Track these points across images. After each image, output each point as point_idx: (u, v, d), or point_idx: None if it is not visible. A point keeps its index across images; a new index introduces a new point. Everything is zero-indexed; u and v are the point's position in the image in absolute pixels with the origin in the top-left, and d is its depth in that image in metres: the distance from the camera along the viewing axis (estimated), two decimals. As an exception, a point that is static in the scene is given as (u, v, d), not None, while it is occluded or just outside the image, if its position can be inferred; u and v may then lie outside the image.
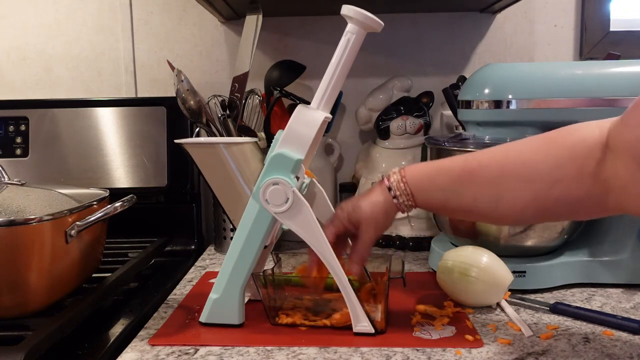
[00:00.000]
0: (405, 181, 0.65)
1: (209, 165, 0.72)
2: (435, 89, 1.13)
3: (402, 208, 0.66)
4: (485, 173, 0.61)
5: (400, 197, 0.65)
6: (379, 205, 0.67)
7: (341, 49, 0.65)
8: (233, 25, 1.21)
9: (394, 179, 0.66)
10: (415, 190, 0.65)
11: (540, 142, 0.60)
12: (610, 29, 1.19)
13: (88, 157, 1.09)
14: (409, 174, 0.65)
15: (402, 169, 0.66)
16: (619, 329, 0.68)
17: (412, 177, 0.65)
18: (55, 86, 1.23)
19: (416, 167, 0.66)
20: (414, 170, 0.66)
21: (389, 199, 0.66)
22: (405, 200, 0.65)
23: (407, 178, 0.65)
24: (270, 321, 0.71)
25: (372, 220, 0.67)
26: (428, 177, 0.65)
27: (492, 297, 0.75)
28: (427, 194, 0.65)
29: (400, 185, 0.65)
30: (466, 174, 0.62)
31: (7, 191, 0.73)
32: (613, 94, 0.80)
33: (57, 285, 0.70)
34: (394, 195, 0.66)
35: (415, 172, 0.66)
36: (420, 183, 0.65)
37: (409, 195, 0.65)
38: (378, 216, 0.67)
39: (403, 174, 0.66)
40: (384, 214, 0.67)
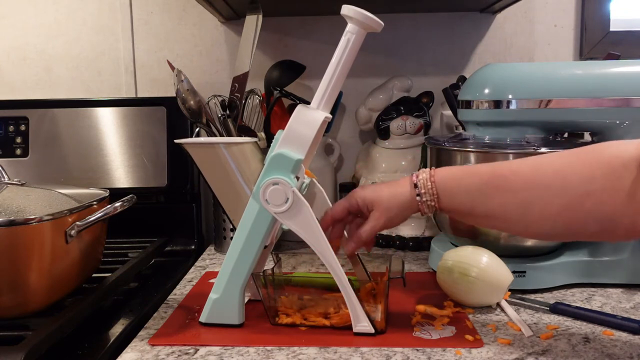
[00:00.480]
0: (433, 180, 0.64)
1: (209, 165, 0.72)
2: (435, 89, 1.13)
3: (423, 208, 0.66)
4: (517, 180, 0.60)
5: (425, 196, 0.65)
6: (400, 198, 0.66)
7: (341, 49, 0.65)
8: (233, 25, 1.21)
9: (423, 177, 0.65)
10: (442, 192, 0.64)
11: (575, 155, 0.59)
12: (610, 29, 1.19)
13: (88, 157, 1.09)
14: (438, 174, 0.65)
15: (432, 169, 0.66)
16: (619, 329, 0.68)
17: (441, 177, 0.65)
18: (55, 86, 1.23)
19: (446, 169, 0.66)
20: (444, 171, 0.65)
21: (413, 195, 0.65)
22: (428, 200, 0.65)
23: (435, 178, 0.65)
24: (270, 321, 0.71)
25: (387, 209, 0.66)
26: (456, 179, 0.64)
27: (492, 297, 0.75)
28: (453, 196, 0.64)
29: (427, 184, 0.64)
30: (496, 178, 0.61)
31: (7, 191, 0.73)
32: (613, 94, 0.80)
33: (57, 285, 0.70)
34: (418, 192, 0.65)
35: (444, 173, 0.65)
36: (448, 184, 0.64)
37: (434, 195, 0.64)
38: (393, 207, 0.66)
39: (432, 173, 0.65)
40: (401, 208, 0.66)
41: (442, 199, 0.64)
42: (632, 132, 0.82)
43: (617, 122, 0.82)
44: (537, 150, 0.80)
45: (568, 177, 0.58)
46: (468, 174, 0.64)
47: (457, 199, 0.64)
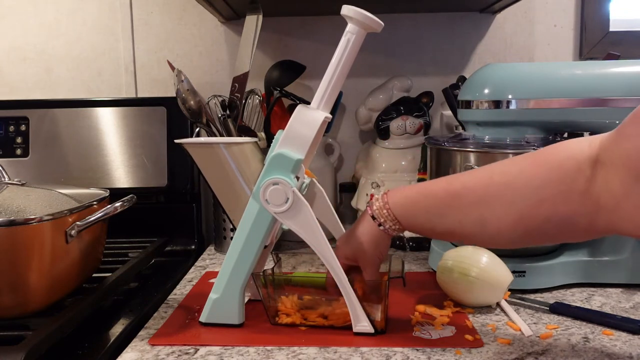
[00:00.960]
0: (388, 207, 0.65)
1: (209, 165, 0.72)
2: (435, 89, 1.13)
3: (390, 232, 0.66)
4: (470, 195, 0.60)
5: (386, 224, 0.65)
6: (369, 236, 0.67)
7: (341, 49, 0.65)
8: (233, 25, 1.21)
9: (377, 206, 0.66)
10: (400, 216, 0.64)
11: (527, 162, 0.59)
12: (610, 29, 1.20)
13: (88, 157, 1.09)
14: (391, 200, 0.65)
15: (385, 194, 0.66)
16: (619, 328, 0.68)
17: (395, 202, 0.65)
18: (56, 86, 1.23)
19: (399, 191, 0.66)
20: (397, 194, 0.65)
21: (375, 227, 0.66)
22: (391, 225, 0.65)
23: (390, 204, 0.65)
24: (270, 321, 0.71)
25: (366, 252, 0.68)
26: (412, 202, 0.64)
27: (492, 297, 0.75)
28: (412, 218, 0.64)
29: (383, 212, 0.65)
30: (450, 197, 0.61)
31: (7, 191, 0.73)
32: (613, 94, 0.80)
33: (57, 285, 0.70)
34: (379, 223, 0.66)
35: (398, 197, 0.65)
36: (404, 208, 0.64)
37: (394, 220, 0.65)
38: (371, 248, 0.67)
39: (386, 199, 0.65)
40: (374, 244, 0.67)
41: (402, 222, 0.65)
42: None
43: (616, 122, 0.80)
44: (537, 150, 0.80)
45: (519, 188, 0.57)
46: (423, 195, 0.64)
47: (416, 220, 0.64)
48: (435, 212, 0.62)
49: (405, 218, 0.65)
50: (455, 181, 0.62)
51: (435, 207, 0.62)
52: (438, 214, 0.62)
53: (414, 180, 1.09)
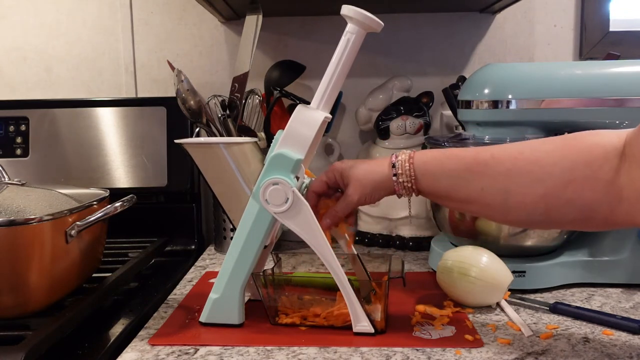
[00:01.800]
0: (411, 162, 0.64)
1: (209, 165, 0.72)
2: (435, 89, 1.13)
3: (399, 189, 0.65)
4: (498, 165, 0.60)
5: (401, 177, 0.64)
6: (375, 176, 0.66)
7: (341, 49, 0.65)
8: (233, 25, 1.21)
9: (401, 158, 0.65)
10: (421, 174, 0.63)
11: (557, 144, 0.59)
12: (610, 29, 1.19)
13: (88, 157, 1.09)
14: (417, 157, 0.64)
15: (413, 151, 0.65)
16: (619, 328, 0.68)
17: (420, 160, 0.64)
18: (56, 86, 1.23)
19: (427, 152, 0.65)
20: (424, 154, 0.65)
21: (389, 175, 0.65)
22: (405, 181, 0.64)
23: (414, 159, 0.64)
24: (270, 321, 0.71)
25: (361, 185, 0.66)
26: (437, 161, 0.64)
27: (492, 297, 0.75)
28: (433, 178, 0.63)
29: (405, 165, 0.64)
30: (477, 164, 0.61)
31: (7, 191, 0.73)
32: (613, 94, 0.80)
33: (57, 285, 0.70)
34: (395, 172, 0.64)
35: (425, 156, 0.65)
36: (428, 166, 0.64)
37: (411, 177, 0.64)
38: (368, 184, 0.66)
39: (412, 154, 0.65)
40: (375, 186, 0.66)
41: (420, 181, 0.64)
42: (632, 132, 0.82)
43: (616, 122, 0.82)
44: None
45: (549, 165, 0.58)
46: (450, 158, 0.63)
47: (437, 181, 0.63)
48: (458, 176, 0.62)
49: (425, 177, 0.63)
50: (484, 151, 0.62)
51: (461, 171, 0.62)
52: (462, 178, 0.61)
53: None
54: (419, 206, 1.06)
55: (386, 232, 1.09)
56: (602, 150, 0.56)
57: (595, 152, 0.56)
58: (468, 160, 0.62)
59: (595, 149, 0.56)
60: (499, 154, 0.61)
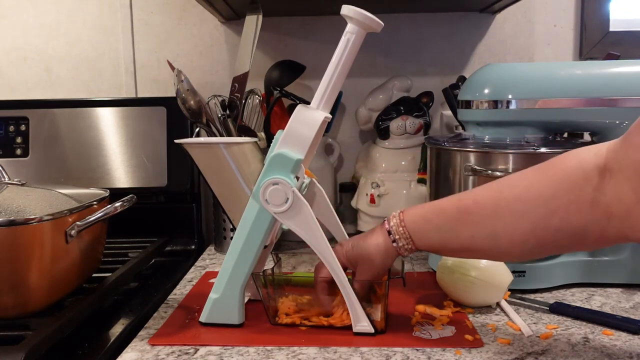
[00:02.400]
0: (404, 225, 0.65)
1: (209, 165, 0.72)
2: (435, 89, 1.13)
3: (402, 252, 0.66)
4: (480, 210, 0.60)
5: (400, 241, 0.65)
6: (379, 247, 0.66)
7: (341, 49, 0.65)
8: (233, 25, 1.21)
9: (394, 223, 0.66)
10: (414, 233, 0.64)
11: (534, 176, 0.59)
12: (610, 29, 1.19)
13: (88, 157, 1.09)
14: (407, 217, 0.65)
15: (402, 212, 0.66)
16: (619, 328, 0.68)
17: (410, 220, 0.65)
18: (56, 86, 1.23)
19: (414, 210, 0.66)
20: (412, 213, 0.66)
21: (389, 242, 0.66)
22: (405, 244, 0.65)
23: (405, 222, 0.65)
24: (270, 321, 0.71)
25: (370, 261, 0.67)
26: (424, 219, 0.65)
27: (492, 297, 0.75)
28: (425, 235, 0.64)
29: (399, 230, 0.65)
30: (461, 212, 0.62)
31: (7, 191, 0.73)
32: (613, 94, 0.80)
33: (57, 285, 0.70)
34: (393, 239, 0.65)
35: (413, 215, 0.65)
36: (418, 225, 0.65)
37: (408, 239, 0.65)
38: (377, 258, 0.67)
39: (402, 217, 0.65)
40: (383, 257, 0.67)
41: (415, 240, 0.65)
42: (632, 132, 0.82)
43: (616, 122, 0.82)
44: (537, 150, 0.80)
45: (531, 200, 0.58)
46: (435, 213, 0.64)
47: (429, 238, 0.64)
48: (447, 229, 0.63)
49: (418, 236, 0.65)
50: (465, 197, 0.63)
51: (447, 224, 0.62)
52: (450, 230, 0.62)
53: (414, 180, 1.09)
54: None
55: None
56: (582, 173, 0.55)
57: (575, 176, 0.56)
58: (452, 211, 0.63)
59: (574, 172, 0.56)
60: (480, 197, 0.61)
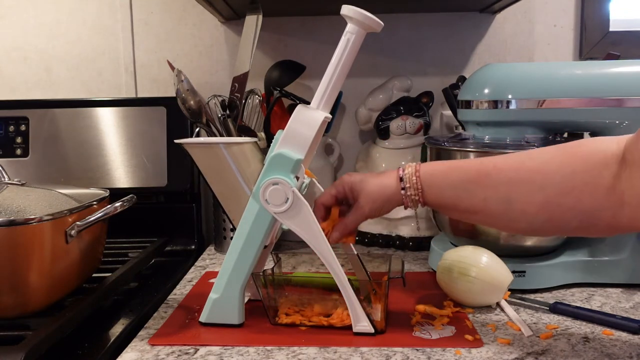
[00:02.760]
0: (418, 175, 0.65)
1: (209, 165, 0.72)
2: (435, 89, 1.13)
3: (407, 202, 0.67)
4: (500, 175, 0.61)
5: (409, 190, 0.65)
6: (385, 190, 0.67)
7: (341, 49, 0.65)
8: (233, 25, 1.21)
9: (408, 171, 0.66)
10: (427, 186, 0.65)
11: (557, 152, 0.61)
12: (610, 29, 1.19)
13: (88, 157, 1.09)
14: (423, 169, 0.66)
15: (419, 164, 0.67)
16: (619, 328, 0.68)
17: (425, 172, 0.66)
18: (56, 86, 1.23)
19: (432, 164, 0.67)
20: (429, 166, 0.66)
21: (398, 188, 0.66)
22: (412, 194, 0.66)
23: (420, 172, 0.66)
24: (270, 321, 0.71)
25: (371, 199, 0.68)
26: (442, 173, 0.65)
27: (492, 297, 0.75)
28: (438, 190, 0.65)
29: (412, 179, 0.65)
30: (480, 174, 0.63)
31: (7, 191, 0.73)
32: (613, 94, 0.80)
33: (57, 285, 0.70)
34: (403, 186, 0.66)
35: (430, 168, 0.66)
36: (433, 179, 0.65)
37: (419, 190, 0.65)
38: (378, 199, 0.67)
39: (418, 167, 0.66)
40: (385, 200, 0.67)
41: (426, 193, 0.65)
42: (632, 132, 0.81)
43: (616, 122, 0.82)
44: (537, 150, 0.80)
45: (549, 174, 0.59)
46: (454, 169, 0.65)
47: (442, 193, 0.65)
48: (462, 187, 0.63)
49: (431, 189, 0.65)
50: (487, 161, 0.64)
51: (464, 182, 0.63)
52: (465, 189, 0.63)
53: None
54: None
55: (386, 232, 1.09)
56: (602, 157, 0.57)
57: (595, 159, 0.57)
58: (471, 171, 0.64)
59: (595, 155, 0.57)
60: (501, 164, 0.62)
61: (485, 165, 0.63)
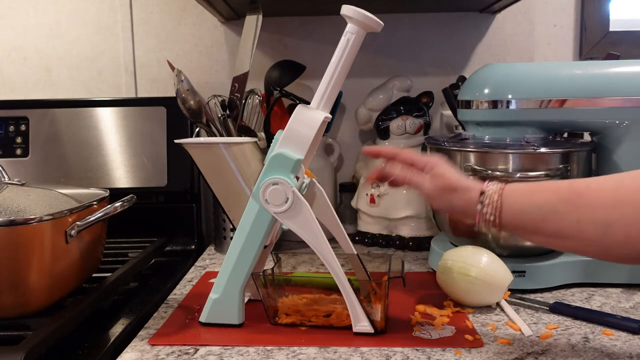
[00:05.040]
0: (501, 192, 0.60)
1: (209, 165, 0.72)
2: (435, 89, 1.13)
3: (479, 219, 0.61)
4: (595, 195, 0.55)
5: (487, 207, 0.60)
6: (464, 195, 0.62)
7: (341, 49, 0.65)
8: (233, 25, 1.21)
9: (492, 188, 0.61)
10: (508, 206, 0.59)
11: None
12: (609, 29, 1.19)
13: (88, 157, 1.09)
14: (508, 187, 0.60)
15: (504, 183, 0.61)
16: (619, 328, 0.68)
17: (511, 188, 0.60)
18: (55, 86, 1.23)
19: (517, 184, 0.61)
20: (514, 185, 0.61)
21: (475, 201, 0.61)
22: (488, 213, 0.60)
23: (505, 191, 0.60)
24: (270, 321, 0.71)
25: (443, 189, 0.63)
26: (528, 191, 0.59)
27: (492, 297, 0.75)
28: (521, 209, 0.59)
29: (493, 196, 0.60)
30: (572, 193, 0.56)
31: (7, 191, 0.73)
32: (613, 94, 0.80)
33: (57, 285, 0.70)
34: (482, 201, 0.60)
35: (515, 186, 0.60)
36: (517, 197, 0.59)
37: (497, 209, 0.59)
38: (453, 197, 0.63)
39: (502, 186, 0.60)
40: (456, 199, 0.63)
41: (505, 214, 0.59)
42: (632, 132, 0.82)
43: (616, 122, 0.82)
44: (537, 150, 0.80)
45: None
46: (541, 189, 0.59)
47: (524, 214, 0.59)
48: (550, 208, 0.57)
49: (511, 210, 0.59)
50: (578, 182, 0.58)
51: (553, 202, 0.57)
52: (553, 210, 0.56)
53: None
54: (418, 206, 1.06)
55: (386, 232, 1.09)
56: None
57: None
58: (561, 190, 0.57)
59: None
60: (595, 184, 0.57)
61: (577, 185, 0.57)
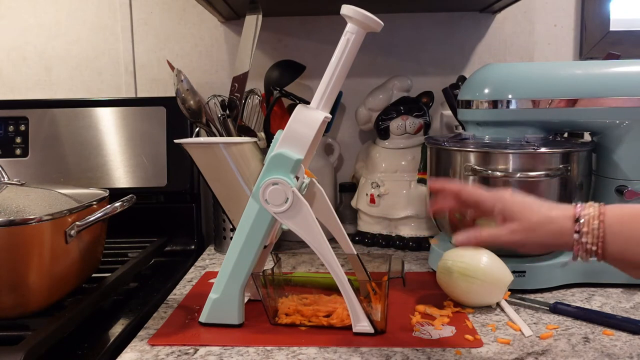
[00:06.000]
0: (602, 219, 0.51)
1: (209, 165, 0.72)
2: (435, 89, 1.12)
3: (578, 250, 0.53)
4: None
5: (586, 237, 0.52)
6: (552, 226, 0.54)
7: (341, 49, 0.65)
8: (233, 25, 1.21)
9: (589, 212, 0.52)
10: (613, 236, 0.51)
11: None
12: (610, 29, 1.19)
13: (88, 157, 1.09)
14: (610, 213, 0.52)
15: (603, 205, 0.53)
16: (619, 328, 0.68)
17: (614, 214, 0.51)
18: (55, 86, 1.23)
19: (621, 207, 0.52)
20: (618, 210, 0.52)
21: (570, 230, 0.52)
22: (589, 243, 0.52)
23: (606, 216, 0.51)
24: (270, 321, 0.71)
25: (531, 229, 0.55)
26: (636, 217, 0.51)
27: (492, 297, 0.75)
28: (630, 240, 0.50)
29: (593, 223, 0.51)
30: None
31: (7, 191, 0.73)
32: (613, 94, 0.80)
33: (57, 285, 0.70)
34: (578, 229, 0.52)
35: (619, 212, 0.52)
36: (624, 225, 0.51)
37: (599, 239, 0.51)
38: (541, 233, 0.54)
39: (602, 210, 0.52)
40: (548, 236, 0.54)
41: (610, 245, 0.51)
42: (632, 132, 0.82)
43: (616, 122, 0.82)
44: (537, 150, 0.80)
45: None
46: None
47: (636, 247, 0.50)
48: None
49: (619, 239, 0.51)
50: None
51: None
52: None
53: (414, 180, 1.08)
54: (418, 206, 1.06)
55: (386, 232, 1.09)
56: None
57: None
58: None
59: None
60: None
61: None
